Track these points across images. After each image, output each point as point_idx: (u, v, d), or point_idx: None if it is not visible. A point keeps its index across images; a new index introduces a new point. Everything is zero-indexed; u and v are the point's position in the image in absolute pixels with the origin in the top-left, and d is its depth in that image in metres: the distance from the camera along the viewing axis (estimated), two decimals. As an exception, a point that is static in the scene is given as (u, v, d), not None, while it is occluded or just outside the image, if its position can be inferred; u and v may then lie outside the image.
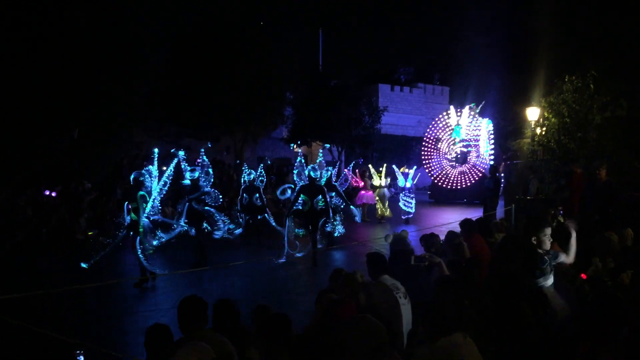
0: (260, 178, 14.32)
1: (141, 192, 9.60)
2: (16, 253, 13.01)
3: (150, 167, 10.48)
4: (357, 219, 14.85)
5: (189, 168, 11.74)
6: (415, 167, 19.74)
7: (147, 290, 9.69)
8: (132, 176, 9.82)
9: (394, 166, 19.48)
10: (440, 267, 5.74)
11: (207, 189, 11.93)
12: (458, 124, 25.76)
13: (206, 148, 12.82)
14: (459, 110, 26.02)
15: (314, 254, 11.48)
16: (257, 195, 13.89)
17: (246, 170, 14.20)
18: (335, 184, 13.69)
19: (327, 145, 14.46)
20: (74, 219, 14.63)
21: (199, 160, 12.82)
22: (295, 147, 27.82)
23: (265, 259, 12.09)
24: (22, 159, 14.30)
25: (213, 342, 3.63)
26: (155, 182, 10.28)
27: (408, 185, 18.50)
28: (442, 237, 7.14)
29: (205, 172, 12.15)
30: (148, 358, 3.88)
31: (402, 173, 18.83)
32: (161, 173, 10.53)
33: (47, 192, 15.68)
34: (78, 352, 3.24)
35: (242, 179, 14.13)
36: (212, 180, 12.53)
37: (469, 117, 25.77)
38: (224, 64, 25.34)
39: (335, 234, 13.51)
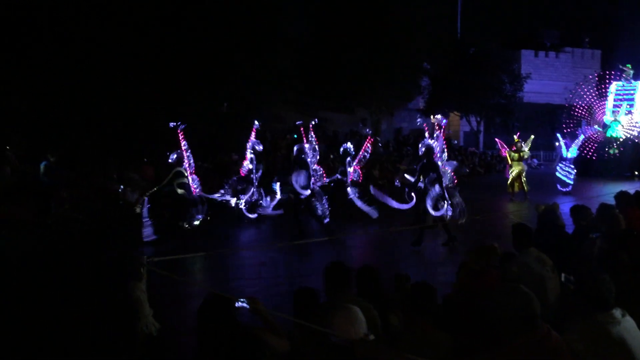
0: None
1: None
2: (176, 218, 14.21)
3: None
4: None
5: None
6: (582, 136, 18.70)
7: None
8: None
9: (558, 134, 18.57)
10: (594, 241, 5.43)
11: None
12: (616, 120, 23.49)
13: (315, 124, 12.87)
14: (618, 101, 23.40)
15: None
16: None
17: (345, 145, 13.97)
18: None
19: (440, 118, 12.83)
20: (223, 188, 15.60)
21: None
22: (433, 118, 27.17)
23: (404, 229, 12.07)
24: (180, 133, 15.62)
25: (359, 307, 3.74)
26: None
27: (570, 155, 17.51)
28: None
29: (312, 148, 12.27)
30: (295, 317, 4.06)
31: (565, 142, 17.87)
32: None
33: (200, 163, 16.85)
34: (241, 300, 3.48)
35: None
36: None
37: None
38: (361, 34, 25.37)
39: None
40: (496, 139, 15.19)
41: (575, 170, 17.60)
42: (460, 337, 3.63)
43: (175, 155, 11.14)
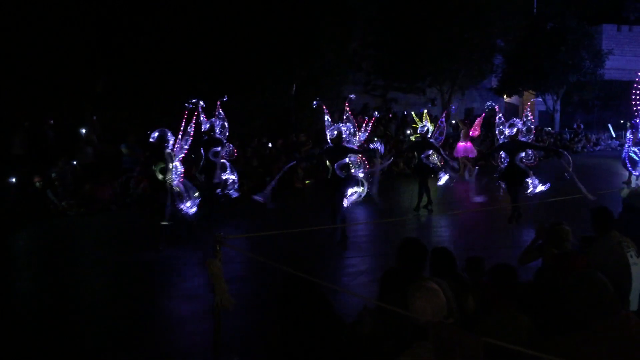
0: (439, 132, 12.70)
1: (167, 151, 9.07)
2: (246, 200, 14.50)
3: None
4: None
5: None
6: None
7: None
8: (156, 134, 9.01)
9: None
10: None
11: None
12: None
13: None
14: None
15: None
16: (430, 152, 12.01)
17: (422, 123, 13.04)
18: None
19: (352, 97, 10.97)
20: (293, 169, 15.73)
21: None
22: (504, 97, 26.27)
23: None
24: (252, 114, 15.82)
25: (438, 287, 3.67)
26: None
27: None
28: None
29: (221, 125, 11.02)
30: (380, 294, 4.03)
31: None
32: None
33: (270, 144, 17.08)
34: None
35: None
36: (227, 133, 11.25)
37: None
38: (432, 12, 24.75)
39: None
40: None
41: None
42: (540, 320, 3.53)
43: (157, 134, 9.02)
